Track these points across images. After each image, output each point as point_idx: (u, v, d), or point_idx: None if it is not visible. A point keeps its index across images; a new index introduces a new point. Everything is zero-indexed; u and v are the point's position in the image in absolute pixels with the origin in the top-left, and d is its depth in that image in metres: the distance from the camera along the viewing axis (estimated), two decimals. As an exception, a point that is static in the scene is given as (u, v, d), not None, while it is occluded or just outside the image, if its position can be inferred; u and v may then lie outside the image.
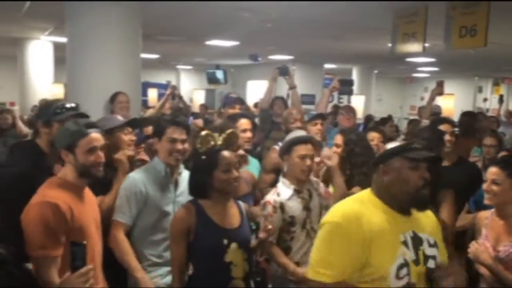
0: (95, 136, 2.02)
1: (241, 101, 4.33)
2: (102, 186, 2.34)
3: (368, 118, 9.29)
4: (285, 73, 4.76)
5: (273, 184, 3.07)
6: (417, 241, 1.73)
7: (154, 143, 2.49)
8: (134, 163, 2.77)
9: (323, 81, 12.39)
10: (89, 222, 2.03)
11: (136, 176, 2.41)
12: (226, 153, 2.18)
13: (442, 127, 3.39)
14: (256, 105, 8.58)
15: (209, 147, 2.19)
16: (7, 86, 12.13)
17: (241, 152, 2.93)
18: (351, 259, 1.63)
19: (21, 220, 1.88)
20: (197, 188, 2.20)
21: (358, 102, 11.83)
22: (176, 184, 2.47)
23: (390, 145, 1.84)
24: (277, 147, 3.36)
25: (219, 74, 12.18)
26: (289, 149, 2.65)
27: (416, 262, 1.69)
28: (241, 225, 2.24)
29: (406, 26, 4.86)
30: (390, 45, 5.19)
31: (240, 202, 2.37)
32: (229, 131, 2.26)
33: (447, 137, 3.33)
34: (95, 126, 2.09)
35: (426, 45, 5.05)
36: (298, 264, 2.58)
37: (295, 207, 2.61)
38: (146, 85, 11.60)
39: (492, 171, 2.47)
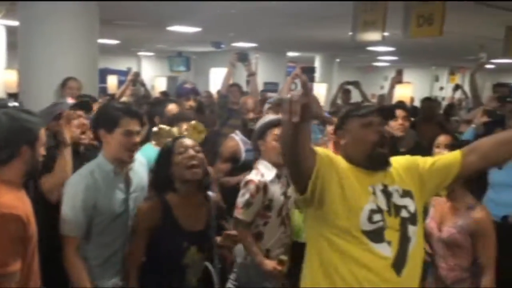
0: None
1: (195, 92, 4.24)
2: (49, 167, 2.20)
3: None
4: (244, 59, 4.72)
5: (230, 173, 3.03)
6: (387, 193, 1.73)
7: (101, 135, 2.16)
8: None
9: (286, 69, 12.42)
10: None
11: (79, 183, 2.08)
12: (184, 139, 2.13)
13: (396, 113, 3.48)
14: (218, 92, 8.52)
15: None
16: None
17: None
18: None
19: None
20: (158, 181, 2.13)
21: (320, 90, 11.93)
22: (127, 181, 2.20)
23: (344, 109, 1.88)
24: (234, 135, 3.32)
25: (181, 61, 11.99)
26: (264, 133, 2.59)
27: (389, 212, 1.69)
28: (206, 228, 2.17)
29: (366, 14, 4.92)
30: (350, 33, 5.24)
31: (213, 196, 2.29)
32: (192, 123, 2.19)
33: (399, 121, 3.41)
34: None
35: (386, 34, 5.13)
36: (268, 251, 2.55)
37: (275, 191, 2.56)
38: (105, 72, 11.28)
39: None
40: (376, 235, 1.65)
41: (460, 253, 2.39)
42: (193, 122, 2.29)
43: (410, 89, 11.88)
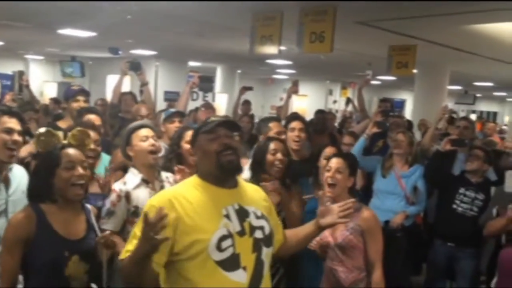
0: None
1: (85, 93, 3.90)
2: None
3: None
4: (136, 68, 4.56)
5: None
6: (242, 213, 1.76)
7: None
8: None
9: (187, 78, 12.34)
10: None
11: None
12: (70, 150, 2.01)
13: (293, 124, 3.59)
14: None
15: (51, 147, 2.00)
16: None
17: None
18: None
19: None
20: (37, 190, 1.98)
21: (221, 100, 12.05)
22: (6, 182, 2.20)
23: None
24: None
25: (75, 67, 11.31)
26: (129, 138, 2.61)
27: (241, 233, 1.72)
28: (86, 236, 2.06)
29: (263, 28, 5.06)
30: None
31: (89, 207, 2.19)
32: (79, 129, 2.10)
33: (295, 133, 3.53)
34: None
35: (283, 48, 5.31)
36: None
37: (141, 197, 2.51)
38: (-14, 75, 10.27)
39: (336, 161, 2.69)
40: (231, 263, 1.68)
41: (355, 253, 2.57)
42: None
43: (306, 102, 12.52)
